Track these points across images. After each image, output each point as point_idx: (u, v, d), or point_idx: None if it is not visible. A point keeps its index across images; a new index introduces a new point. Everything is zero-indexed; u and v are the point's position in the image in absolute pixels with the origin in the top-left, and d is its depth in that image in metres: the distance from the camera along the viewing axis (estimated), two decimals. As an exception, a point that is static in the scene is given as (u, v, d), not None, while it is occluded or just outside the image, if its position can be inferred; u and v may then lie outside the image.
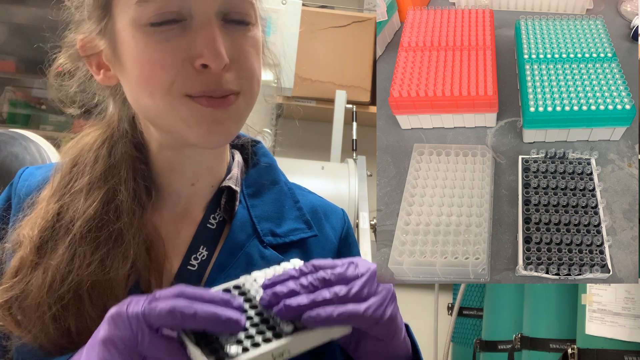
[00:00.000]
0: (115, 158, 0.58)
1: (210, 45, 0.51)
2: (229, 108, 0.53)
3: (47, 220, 0.55)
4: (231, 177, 0.63)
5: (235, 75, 0.54)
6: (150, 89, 0.52)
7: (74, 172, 0.58)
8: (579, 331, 1.07)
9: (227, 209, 0.62)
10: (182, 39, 0.51)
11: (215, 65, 0.51)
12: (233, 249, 0.59)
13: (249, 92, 0.56)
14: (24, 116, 2.58)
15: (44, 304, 0.51)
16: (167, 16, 0.51)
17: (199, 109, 0.52)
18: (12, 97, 2.58)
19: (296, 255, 0.61)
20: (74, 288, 0.51)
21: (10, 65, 2.58)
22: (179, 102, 0.52)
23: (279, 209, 0.64)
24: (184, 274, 0.57)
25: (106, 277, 0.52)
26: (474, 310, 1.63)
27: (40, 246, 0.54)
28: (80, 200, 0.55)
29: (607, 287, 1.02)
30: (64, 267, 0.52)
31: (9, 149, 1.14)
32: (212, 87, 0.52)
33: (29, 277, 0.52)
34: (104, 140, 0.61)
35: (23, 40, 2.62)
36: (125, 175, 0.57)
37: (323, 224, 0.67)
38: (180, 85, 0.51)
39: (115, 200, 0.55)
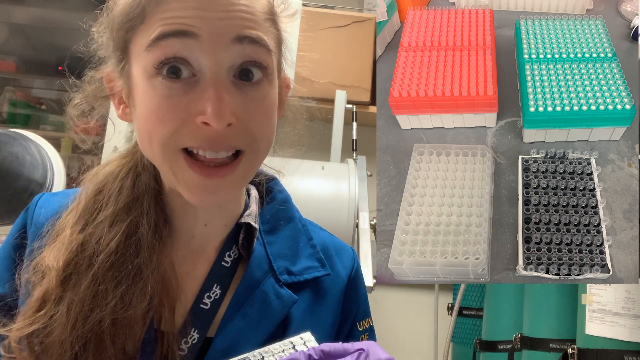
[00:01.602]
0: (139, 189, 0.57)
1: (214, 104, 0.48)
2: (225, 177, 0.51)
3: (71, 251, 0.53)
4: (250, 213, 0.62)
5: (240, 134, 0.50)
6: (149, 139, 0.51)
7: (98, 201, 0.57)
8: (579, 331, 1.07)
9: (245, 245, 0.61)
10: (187, 96, 0.49)
11: (215, 124, 0.48)
12: (249, 287, 0.58)
13: (253, 153, 0.52)
14: (24, 116, 2.59)
15: (66, 342, 0.50)
16: (176, 64, 0.48)
17: (191, 174, 0.50)
18: (12, 97, 2.58)
19: (309, 294, 0.61)
20: (96, 326, 0.50)
21: (10, 65, 2.58)
22: (174, 156, 0.50)
23: (294, 247, 0.63)
24: (197, 312, 0.56)
25: (125, 315, 0.51)
26: (474, 310, 1.63)
27: (65, 279, 0.52)
28: (104, 232, 0.54)
29: (607, 287, 1.02)
30: (87, 304, 0.51)
31: (9, 149, 1.14)
32: (213, 142, 0.49)
33: (53, 311, 0.51)
34: (129, 170, 0.59)
35: (23, 40, 2.62)
36: (147, 207, 0.56)
37: (334, 261, 0.66)
38: (179, 138, 0.49)
39: (137, 234, 0.55)
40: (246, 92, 0.51)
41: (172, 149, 0.50)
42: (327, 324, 0.62)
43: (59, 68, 2.54)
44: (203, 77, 0.49)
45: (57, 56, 2.55)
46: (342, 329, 0.64)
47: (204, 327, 0.56)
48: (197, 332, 0.55)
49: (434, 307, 1.84)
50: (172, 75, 0.49)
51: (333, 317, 0.63)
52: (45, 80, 2.67)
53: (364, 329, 0.67)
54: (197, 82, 0.49)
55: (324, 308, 0.62)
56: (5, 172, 1.11)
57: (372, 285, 1.23)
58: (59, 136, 2.37)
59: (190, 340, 0.54)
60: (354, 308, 0.66)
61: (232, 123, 0.49)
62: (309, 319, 0.60)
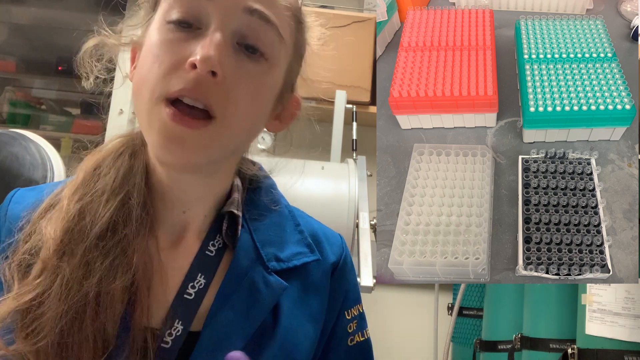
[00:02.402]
0: (134, 164, 0.58)
1: (205, 47, 0.49)
2: (194, 130, 0.50)
3: (68, 220, 0.54)
4: (232, 201, 0.61)
5: (217, 94, 0.50)
6: (142, 82, 0.52)
7: (96, 174, 0.58)
8: (579, 331, 1.07)
9: (229, 235, 0.60)
10: (186, 42, 0.51)
11: (201, 66, 0.48)
12: (236, 276, 0.57)
13: (226, 123, 0.51)
14: (24, 116, 2.58)
15: (58, 314, 0.49)
16: (187, 17, 0.51)
17: (162, 116, 0.50)
18: (12, 97, 2.58)
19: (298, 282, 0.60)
20: (82, 299, 0.50)
21: (10, 65, 2.58)
22: (156, 107, 0.50)
23: (281, 233, 0.62)
24: (181, 303, 0.55)
25: (109, 289, 0.51)
26: (474, 310, 1.63)
27: (61, 248, 0.52)
28: (100, 203, 0.55)
29: (607, 287, 1.02)
30: (79, 275, 0.51)
31: (9, 149, 1.14)
32: (194, 88, 0.49)
33: (49, 279, 0.51)
34: (126, 148, 0.60)
35: (23, 40, 2.62)
36: (140, 182, 0.57)
37: (324, 247, 0.65)
38: (166, 83, 0.50)
39: (128, 205, 0.55)
40: (242, 60, 0.52)
41: (158, 95, 0.50)
42: (317, 312, 0.61)
43: (59, 68, 2.54)
44: (207, 31, 0.51)
45: (57, 56, 2.55)
46: (330, 316, 0.63)
47: (188, 319, 0.54)
48: (181, 323, 0.54)
49: (434, 307, 1.84)
50: (182, 24, 0.51)
51: (322, 304, 0.62)
52: (45, 80, 2.67)
53: (353, 316, 0.66)
54: (200, 34, 0.51)
55: (314, 295, 0.61)
56: (5, 172, 1.11)
57: (372, 285, 1.23)
58: (59, 136, 2.38)
59: (175, 332, 0.53)
60: (342, 295, 0.65)
61: (216, 73, 0.49)
62: (300, 307, 0.60)
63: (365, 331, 0.68)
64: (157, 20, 0.53)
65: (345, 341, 0.65)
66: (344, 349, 0.65)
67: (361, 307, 0.68)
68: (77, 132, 2.40)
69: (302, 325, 0.59)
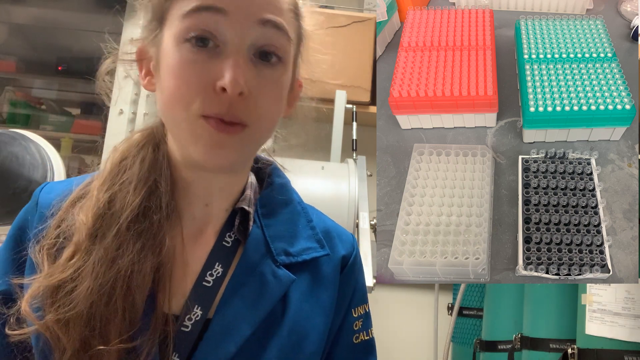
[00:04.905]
0: (158, 156, 0.62)
1: (232, 70, 0.53)
2: (233, 136, 0.55)
3: (99, 207, 0.58)
4: (244, 198, 0.65)
5: (247, 108, 0.55)
6: (173, 103, 0.55)
7: (123, 165, 0.62)
8: (579, 331, 1.07)
9: (241, 230, 0.63)
10: (211, 64, 0.54)
11: (230, 89, 0.53)
12: (246, 269, 0.60)
13: (255, 128, 0.56)
14: (24, 116, 2.58)
15: (92, 288, 0.53)
16: (204, 34, 0.54)
17: (207, 128, 0.54)
18: (12, 97, 2.57)
19: (308, 276, 0.63)
20: (114, 277, 0.54)
21: (10, 65, 2.58)
22: (195, 121, 0.55)
23: (293, 228, 0.65)
24: (200, 289, 0.59)
25: (140, 267, 0.55)
26: (474, 310, 1.63)
27: (93, 233, 0.56)
28: (129, 190, 0.59)
29: (607, 287, 1.02)
30: (111, 255, 0.55)
31: (9, 149, 1.14)
32: (223, 110, 0.54)
33: (82, 260, 0.55)
34: (150, 140, 0.64)
35: (23, 40, 2.62)
36: (166, 171, 0.61)
37: (336, 243, 0.68)
38: (199, 105, 0.54)
39: (157, 192, 0.59)
40: (261, 71, 0.56)
41: (193, 114, 0.54)
42: (327, 306, 0.63)
43: (59, 68, 2.53)
44: (226, 48, 0.54)
45: (57, 56, 2.55)
46: (338, 313, 0.65)
47: (207, 305, 0.58)
48: (200, 308, 0.57)
49: (434, 307, 1.84)
50: (199, 43, 0.54)
51: (332, 298, 0.64)
52: (45, 80, 2.67)
53: (359, 315, 0.69)
54: (220, 52, 0.54)
55: (324, 289, 0.64)
56: (5, 172, 1.12)
57: (372, 285, 1.23)
58: (59, 136, 2.37)
59: (194, 317, 0.56)
60: (350, 293, 0.67)
61: (243, 92, 0.54)
62: (309, 299, 0.62)
63: (370, 330, 0.70)
64: (173, 38, 0.56)
65: (350, 338, 0.67)
66: (349, 346, 0.67)
67: (367, 307, 0.71)
68: (77, 132, 2.40)
69: (311, 317, 0.61)
